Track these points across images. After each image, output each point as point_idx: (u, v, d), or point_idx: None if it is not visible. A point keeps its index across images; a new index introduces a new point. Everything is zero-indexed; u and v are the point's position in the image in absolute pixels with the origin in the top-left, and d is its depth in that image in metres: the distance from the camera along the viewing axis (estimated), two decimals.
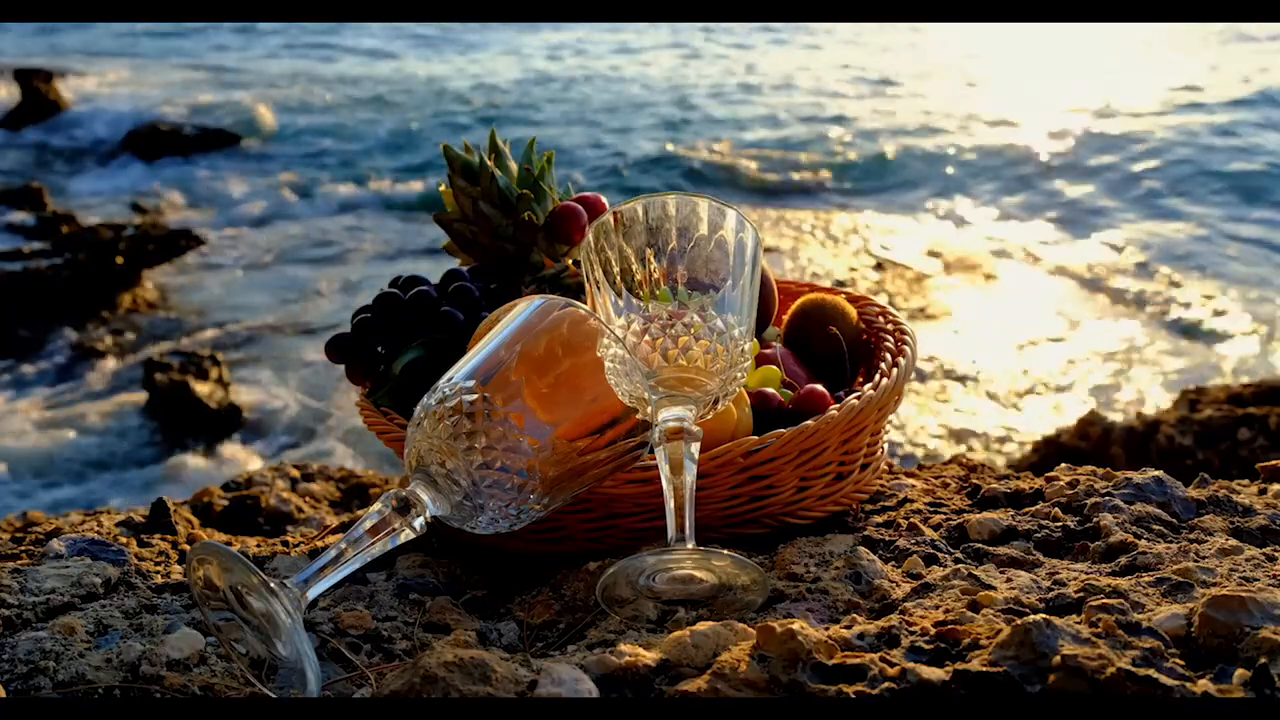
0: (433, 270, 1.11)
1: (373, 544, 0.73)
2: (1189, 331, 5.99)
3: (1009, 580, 0.79)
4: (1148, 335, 5.97)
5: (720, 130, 10.73)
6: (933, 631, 0.68)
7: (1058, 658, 0.59)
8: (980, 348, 5.87)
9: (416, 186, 8.94)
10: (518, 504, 0.76)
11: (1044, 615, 0.63)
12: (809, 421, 0.89)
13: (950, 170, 9.19)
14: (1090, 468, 1.04)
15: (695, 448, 0.80)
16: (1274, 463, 1.05)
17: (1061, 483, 1.00)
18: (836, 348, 1.12)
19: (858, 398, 0.93)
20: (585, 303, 0.86)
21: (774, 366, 1.05)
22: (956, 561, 0.86)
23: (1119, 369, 5.61)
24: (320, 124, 11.13)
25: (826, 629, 0.71)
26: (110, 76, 13.10)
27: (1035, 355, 5.78)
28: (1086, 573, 0.80)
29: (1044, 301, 6.51)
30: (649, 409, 0.81)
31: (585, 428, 0.78)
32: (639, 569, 0.77)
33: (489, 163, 1.14)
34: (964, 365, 5.67)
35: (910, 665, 0.62)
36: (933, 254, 7.32)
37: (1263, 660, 0.60)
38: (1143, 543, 0.85)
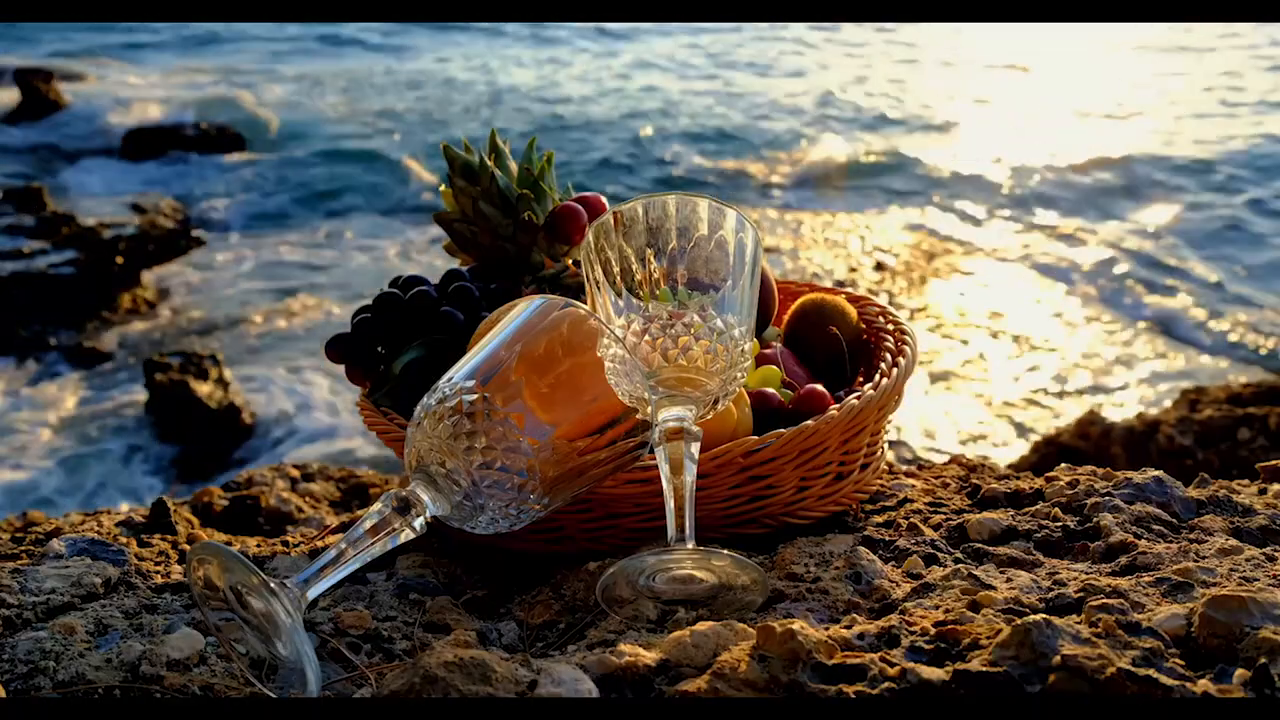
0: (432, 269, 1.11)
1: (373, 544, 0.73)
2: (1187, 331, 5.99)
3: (1009, 580, 0.79)
4: (1147, 335, 5.97)
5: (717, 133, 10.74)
6: (933, 631, 0.68)
7: (1058, 658, 0.59)
8: (980, 347, 5.87)
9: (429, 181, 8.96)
10: (518, 504, 0.76)
11: (1044, 615, 0.63)
12: (809, 421, 0.89)
13: (949, 170, 9.19)
14: (1090, 468, 1.04)
15: (695, 448, 0.80)
16: (1274, 463, 1.05)
17: (1061, 483, 1.00)
18: (836, 348, 1.12)
19: (858, 398, 0.93)
20: (585, 303, 0.86)
21: (774, 366, 1.05)
22: (956, 561, 0.86)
23: (1119, 369, 5.61)
24: (324, 123, 11.14)
25: (826, 629, 0.71)
26: (113, 77, 13.11)
27: (1035, 355, 5.78)
28: (1086, 573, 0.80)
29: (1044, 301, 6.51)
30: (649, 409, 0.81)
31: (585, 428, 0.78)
32: (639, 569, 0.77)
33: (489, 163, 1.14)
34: (964, 365, 5.67)
35: (910, 665, 0.62)
36: (931, 253, 7.32)
37: (1263, 660, 0.60)
38: (1143, 543, 0.85)
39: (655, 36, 15.60)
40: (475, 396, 0.75)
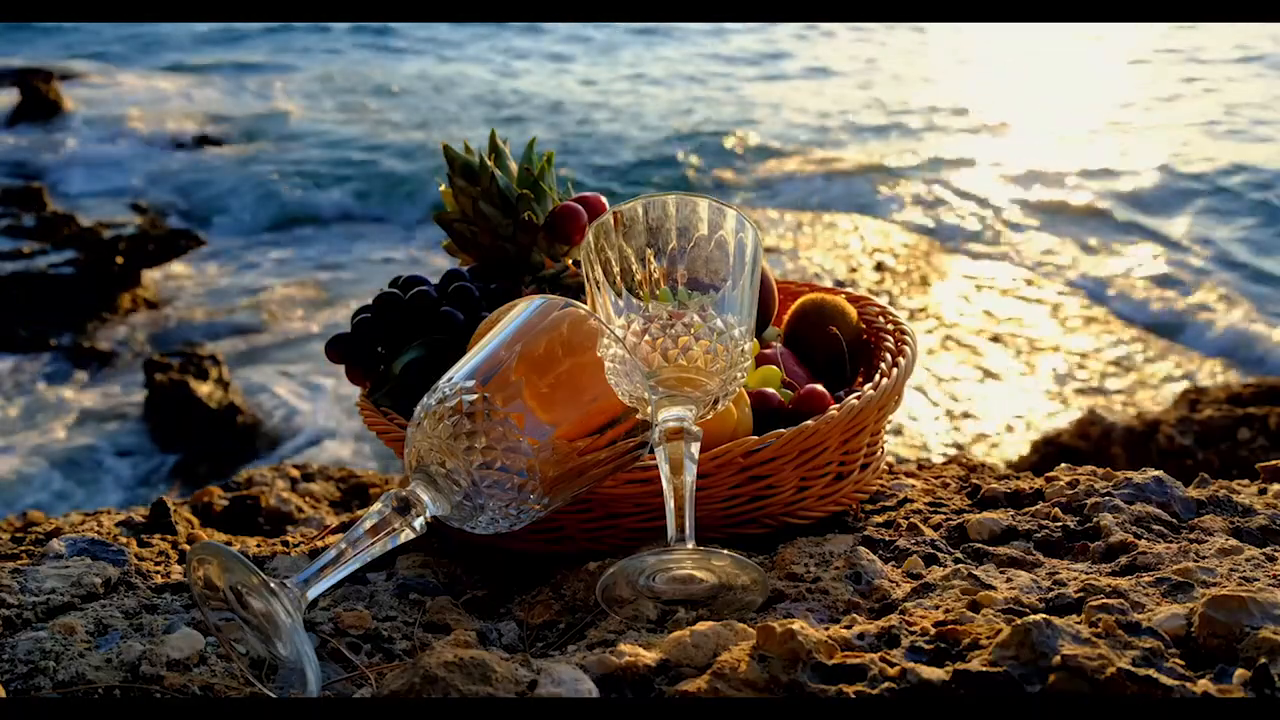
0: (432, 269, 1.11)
1: (373, 544, 0.73)
2: (1187, 331, 5.99)
3: (1009, 580, 0.79)
4: (1148, 335, 5.97)
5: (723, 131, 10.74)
6: (933, 631, 0.68)
7: (1058, 658, 0.59)
8: (981, 347, 5.87)
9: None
10: (518, 504, 0.76)
11: (1044, 615, 0.63)
12: (809, 421, 0.89)
13: (950, 174, 9.19)
14: (1090, 468, 1.04)
15: (695, 448, 0.80)
16: (1274, 463, 1.05)
17: (1061, 483, 1.00)
18: (836, 348, 1.12)
19: (858, 398, 0.93)
20: (585, 303, 0.86)
21: (774, 366, 1.05)
22: (956, 561, 0.86)
23: (1119, 369, 5.61)
24: (328, 126, 11.14)
25: (826, 629, 0.71)
26: (116, 76, 13.12)
27: (1035, 355, 5.78)
28: (1086, 573, 0.80)
29: (1045, 301, 6.51)
30: (649, 409, 0.81)
31: (585, 428, 0.78)
32: (639, 569, 0.77)
33: (489, 163, 1.14)
34: (964, 364, 5.67)
35: (910, 665, 0.62)
36: (931, 253, 7.32)
37: (1263, 660, 0.60)
38: (1143, 543, 0.85)
39: (668, 42, 15.59)
40: (475, 396, 0.75)
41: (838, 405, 0.92)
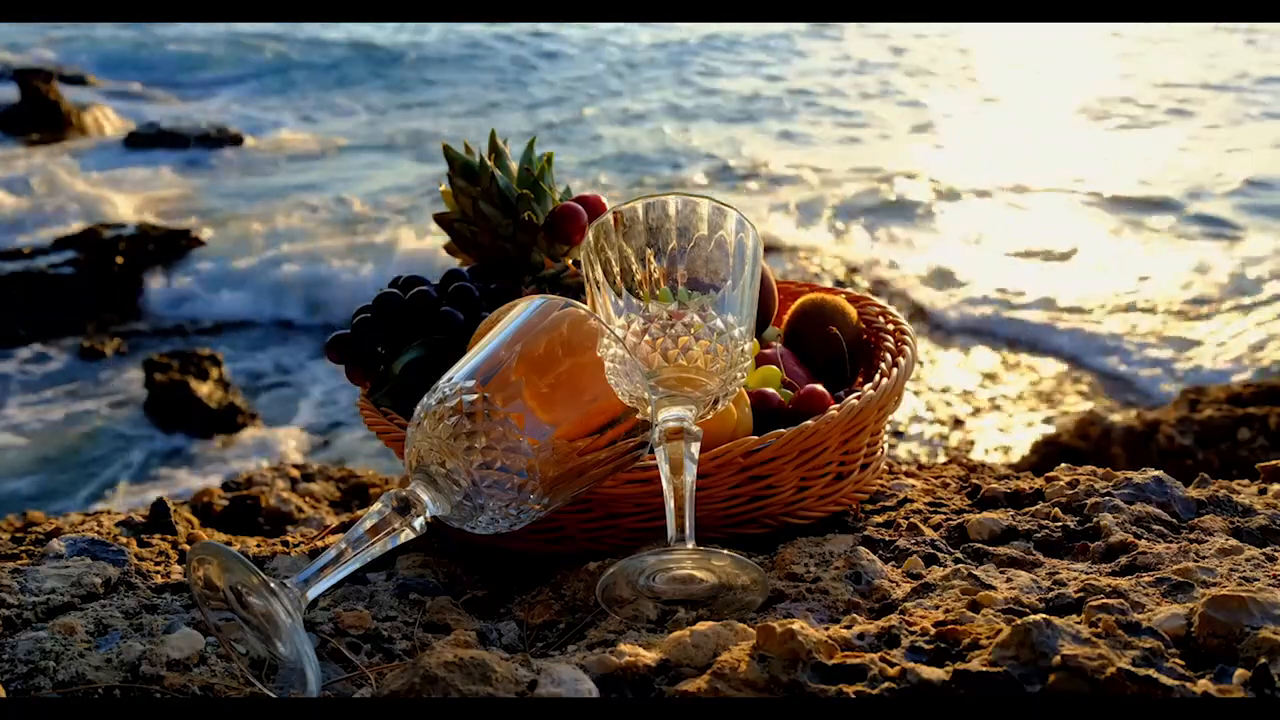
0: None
1: (373, 544, 0.73)
2: (1186, 331, 5.99)
3: (1009, 580, 0.79)
4: (1147, 335, 5.97)
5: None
6: (933, 631, 0.68)
7: (1058, 658, 0.59)
8: (980, 347, 5.88)
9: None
10: (518, 504, 0.76)
11: (1044, 615, 0.63)
12: (809, 421, 0.89)
13: (946, 167, 9.19)
14: (1090, 468, 1.04)
15: (695, 448, 0.80)
16: (1274, 463, 1.05)
17: (1061, 483, 1.00)
18: (836, 348, 1.12)
19: (858, 398, 0.93)
20: (585, 303, 0.86)
21: (774, 366, 1.05)
22: (956, 561, 0.86)
23: (1118, 369, 5.61)
24: (328, 126, 11.13)
25: (826, 629, 0.71)
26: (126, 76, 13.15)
27: (1035, 355, 5.78)
28: (1086, 573, 0.80)
29: (1044, 301, 6.50)
30: (649, 409, 0.81)
31: (585, 428, 0.78)
32: (639, 569, 0.77)
33: (489, 163, 1.14)
34: (964, 364, 5.67)
35: (910, 665, 0.62)
36: (931, 254, 7.32)
37: (1263, 660, 0.60)
38: (1143, 543, 0.85)
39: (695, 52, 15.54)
40: (475, 396, 0.75)
41: (838, 405, 0.92)
